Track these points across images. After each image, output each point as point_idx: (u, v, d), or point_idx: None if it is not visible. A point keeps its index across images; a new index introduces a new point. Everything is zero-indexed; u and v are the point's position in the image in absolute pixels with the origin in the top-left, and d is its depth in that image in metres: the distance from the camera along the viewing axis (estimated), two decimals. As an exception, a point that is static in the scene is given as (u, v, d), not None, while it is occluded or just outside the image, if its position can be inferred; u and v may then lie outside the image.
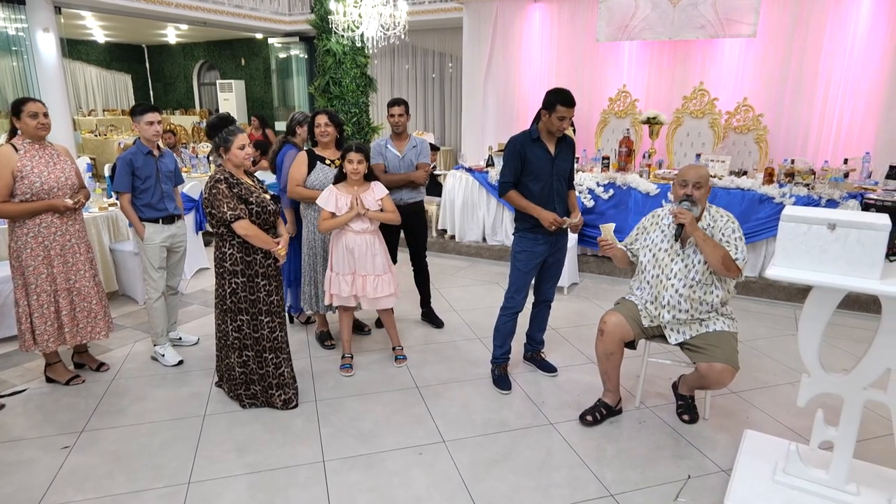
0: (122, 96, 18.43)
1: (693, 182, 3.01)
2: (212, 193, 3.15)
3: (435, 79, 13.37)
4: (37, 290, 3.52)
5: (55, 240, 3.53)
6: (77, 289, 3.66)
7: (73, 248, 3.62)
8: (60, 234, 3.55)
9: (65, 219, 3.57)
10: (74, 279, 3.64)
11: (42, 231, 3.48)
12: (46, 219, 3.49)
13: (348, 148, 3.65)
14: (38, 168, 3.42)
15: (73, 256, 3.62)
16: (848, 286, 2.25)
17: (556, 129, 3.44)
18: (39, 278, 3.51)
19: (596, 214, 5.99)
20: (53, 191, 3.47)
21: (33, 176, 3.40)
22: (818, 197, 5.12)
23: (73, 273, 3.63)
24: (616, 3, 7.08)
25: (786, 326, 4.78)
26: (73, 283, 3.64)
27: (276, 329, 3.39)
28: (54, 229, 3.52)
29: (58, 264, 3.55)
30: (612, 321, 3.20)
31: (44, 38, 9.57)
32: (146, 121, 3.80)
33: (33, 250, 3.48)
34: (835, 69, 6.40)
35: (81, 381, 3.78)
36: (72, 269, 3.63)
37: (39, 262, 3.50)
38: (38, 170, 3.43)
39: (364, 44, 5.96)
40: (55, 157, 3.55)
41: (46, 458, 2.99)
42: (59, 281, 3.57)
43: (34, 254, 3.48)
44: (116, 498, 2.70)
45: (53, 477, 2.83)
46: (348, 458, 3.00)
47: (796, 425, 3.30)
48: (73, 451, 3.05)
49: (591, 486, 2.80)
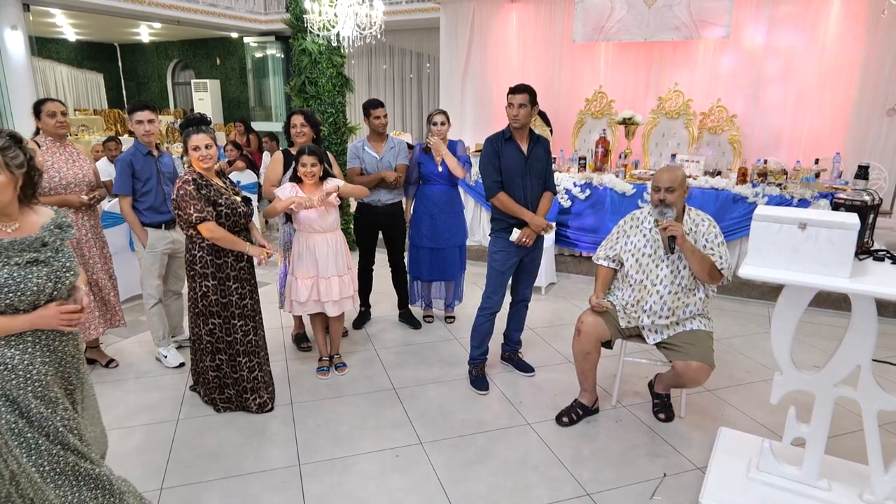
0: (94, 96, 18.09)
1: (665, 186, 3.00)
2: (179, 194, 3.10)
3: (412, 79, 13.35)
4: None
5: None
6: (94, 281, 3.75)
7: (88, 242, 3.74)
8: (75, 228, 3.58)
9: (80, 214, 3.69)
10: (90, 273, 3.73)
11: None
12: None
13: (301, 150, 3.56)
14: (57, 164, 3.56)
15: (88, 251, 3.73)
16: (819, 284, 2.27)
17: (511, 118, 3.47)
18: None
19: (573, 214, 6.02)
20: (71, 186, 3.60)
21: (52, 171, 3.52)
22: (790, 196, 5.20)
23: (89, 267, 3.73)
24: (592, 5, 7.13)
25: (759, 324, 4.84)
26: (89, 276, 3.71)
27: (249, 332, 3.34)
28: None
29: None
30: (588, 321, 3.21)
31: (12, 36, 9.38)
32: (136, 119, 3.75)
33: None
34: (806, 70, 6.51)
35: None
36: (87, 262, 3.72)
37: None
38: (58, 166, 3.56)
39: (340, 43, 5.91)
40: (75, 154, 3.70)
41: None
42: None
43: None
44: (86, 506, 2.63)
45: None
46: (324, 461, 2.97)
47: (770, 422, 3.34)
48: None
49: (568, 485, 2.80)
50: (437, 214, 4.43)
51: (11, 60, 9.42)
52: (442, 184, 4.41)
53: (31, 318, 1.90)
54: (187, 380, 3.70)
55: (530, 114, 3.47)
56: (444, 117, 4.35)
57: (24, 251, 1.88)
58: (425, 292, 4.84)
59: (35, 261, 1.91)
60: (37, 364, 1.94)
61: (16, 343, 1.90)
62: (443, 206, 4.44)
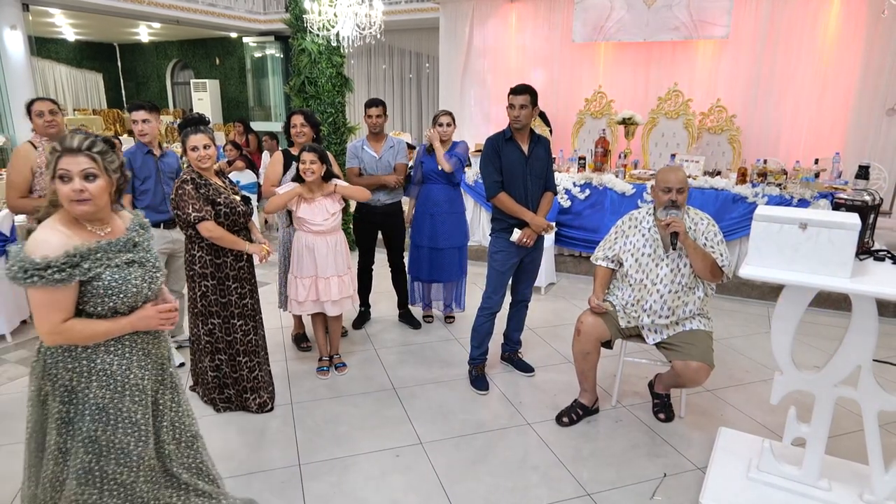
0: (93, 95, 18.07)
1: (676, 187, 3.00)
2: (178, 194, 3.09)
3: (412, 79, 13.35)
4: None
5: None
6: None
7: None
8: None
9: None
10: None
11: None
12: None
13: (302, 150, 3.57)
14: None
15: None
16: (819, 285, 2.27)
17: (512, 119, 3.47)
18: None
19: (573, 214, 6.02)
20: None
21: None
22: (790, 197, 5.20)
23: None
24: (591, 5, 7.14)
25: (759, 324, 4.84)
26: None
27: (249, 332, 3.34)
28: None
29: None
30: (588, 321, 3.20)
31: (11, 36, 9.38)
32: (132, 119, 3.74)
33: None
34: (805, 71, 6.52)
35: None
36: None
37: None
38: None
39: (340, 43, 5.91)
40: None
41: (14, 465, 2.91)
42: None
43: None
44: (86, 506, 2.63)
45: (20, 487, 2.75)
46: (324, 461, 2.96)
47: (770, 422, 3.33)
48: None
49: (568, 485, 2.80)
50: (437, 214, 4.42)
51: (11, 60, 9.42)
52: (443, 183, 4.40)
53: (131, 319, 1.90)
54: (187, 380, 3.69)
55: (531, 114, 3.47)
56: (449, 118, 4.35)
57: (120, 252, 1.88)
58: (425, 293, 4.84)
59: (131, 262, 1.90)
60: (133, 369, 1.94)
61: (114, 348, 1.90)
62: (443, 205, 4.43)
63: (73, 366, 1.86)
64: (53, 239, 1.76)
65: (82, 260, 1.76)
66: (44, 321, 1.77)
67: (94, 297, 1.82)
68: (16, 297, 4.43)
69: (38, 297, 1.75)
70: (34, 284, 1.70)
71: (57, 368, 1.86)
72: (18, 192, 3.40)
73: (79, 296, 1.81)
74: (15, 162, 3.42)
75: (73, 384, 1.86)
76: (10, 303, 4.42)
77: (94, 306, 1.83)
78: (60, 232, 1.79)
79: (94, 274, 1.79)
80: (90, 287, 1.81)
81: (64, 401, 1.87)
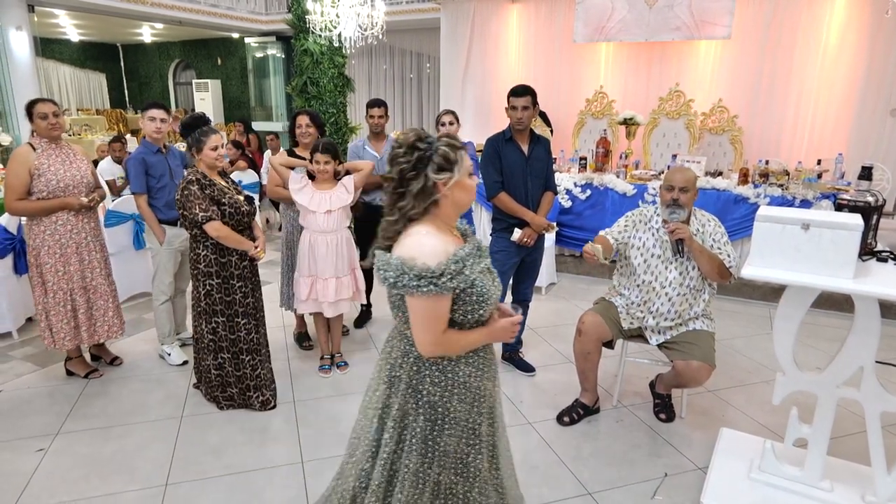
0: (97, 96, 18.09)
1: (679, 186, 2.99)
2: (184, 195, 3.11)
3: (413, 79, 13.34)
4: (54, 287, 3.54)
5: (71, 238, 3.55)
6: (93, 287, 3.69)
7: (88, 245, 3.66)
8: (76, 231, 3.57)
9: (80, 217, 3.61)
10: (90, 277, 3.66)
11: (59, 229, 3.51)
12: (62, 216, 3.52)
13: (314, 148, 3.59)
14: (54, 166, 3.47)
15: (88, 254, 3.66)
16: (822, 285, 2.27)
17: (514, 121, 3.48)
18: (56, 276, 3.53)
19: (573, 215, 6.02)
20: (69, 189, 3.51)
21: (50, 174, 3.44)
22: (792, 197, 5.19)
23: (89, 271, 3.66)
24: (592, 5, 7.13)
25: (761, 325, 4.84)
26: (88, 281, 3.66)
27: (252, 331, 3.35)
28: (70, 227, 3.54)
29: (74, 262, 3.57)
30: (589, 321, 3.21)
31: (16, 37, 9.38)
32: (149, 116, 3.78)
33: (51, 248, 3.50)
34: (808, 71, 6.50)
35: (99, 376, 3.81)
36: (87, 266, 3.65)
37: (56, 259, 3.52)
38: (55, 168, 3.47)
39: (342, 44, 5.92)
40: (71, 156, 3.60)
41: (20, 461, 2.92)
42: (76, 279, 3.59)
43: (51, 251, 3.51)
44: (91, 501, 2.65)
45: (27, 482, 2.77)
46: (327, 458, 2.97)
47: (771, 423, 3.33)
48: (48, 453, 2.99)
49: (569, 484, 2.80)
50: None
51: (16, 61, 9.42)
52: None
53: (489, 331, 1.78)
54: (190, 377, 3.70)
55: (532, 115, 3.48)
56: (452, 117, 4.36)
57: (480, 258, 1.78)
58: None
59: (487, 269, 1.80)
60: (485, 381, 1.83)
61: (473, 360, 1.80)
62: None
63: (440, 380, 1.75)
64: (441, 246, 1.66)
65: (464, 266, 1.66)
66: (428, 332, 1.67)
67: (466, 305, 1.70)
68: (22, 295, 4.44)
69: (424, 306, 1.64)
70: (428, 293, 1.60)
71: (423, 384, 1.75)
72: (16, 195, 3.38)
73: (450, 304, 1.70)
74: (12, 165, 3.39)
75: (435, 399, 1.75)
76: (17, 301, 4.43)
77: (465, 314, 1.72)
78: (438, 238, 1.68)
79: (470, 281, 1.68)
80: (463, 294, 1.69)
81: (428, 418, 1.75)
